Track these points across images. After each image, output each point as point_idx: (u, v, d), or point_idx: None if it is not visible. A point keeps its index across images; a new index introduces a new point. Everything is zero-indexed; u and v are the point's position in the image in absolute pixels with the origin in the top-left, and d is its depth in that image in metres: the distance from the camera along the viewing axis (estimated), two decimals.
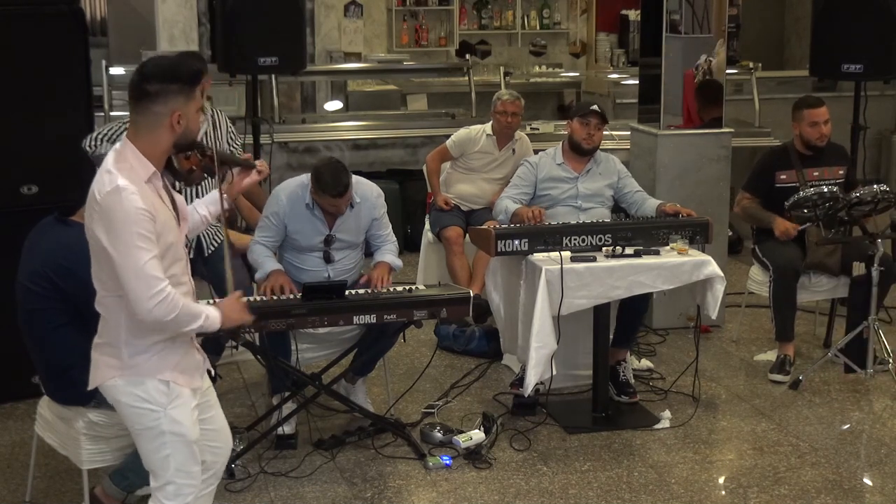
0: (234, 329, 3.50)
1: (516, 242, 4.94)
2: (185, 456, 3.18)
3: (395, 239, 5.09)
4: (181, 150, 3.16)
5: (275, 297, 4.61)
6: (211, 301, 4.02)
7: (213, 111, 5.19)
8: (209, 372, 3.36)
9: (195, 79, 3.09)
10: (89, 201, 3.04)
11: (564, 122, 5.74)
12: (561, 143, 5.66)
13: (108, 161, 3.05)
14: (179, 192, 3.33)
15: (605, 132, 5.65)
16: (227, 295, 4.72)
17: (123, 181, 2.97)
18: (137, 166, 3.03)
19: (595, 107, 5.56)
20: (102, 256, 3.04)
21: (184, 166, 3.23)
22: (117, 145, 3.10)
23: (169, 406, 3.13)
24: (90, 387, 3.22)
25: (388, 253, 4.99)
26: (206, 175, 3.39)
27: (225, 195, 3.56)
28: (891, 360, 5.46)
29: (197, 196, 4.58)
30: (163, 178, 3.15)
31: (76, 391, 3.63)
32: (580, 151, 5.54)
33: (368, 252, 5.15)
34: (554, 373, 4.95)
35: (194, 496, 3.24)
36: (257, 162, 3.66)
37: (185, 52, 7.04)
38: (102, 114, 7.37)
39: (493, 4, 11.25)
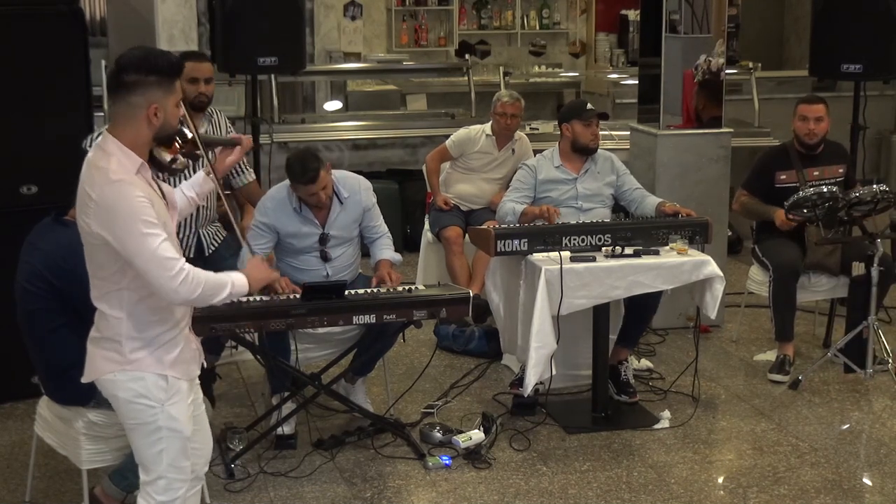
0: (265, 288, 3.44)
1: (516, 242, 4.94)
2: (178, 451, 3.19)
3: (388, 230, 5.09)
4: (162, 142, 3.15)
5: (276, 297, 4.62)
6: None
7: (212, 110, 5.19)
8: (202, 365, 3.37)
9: (174, 71, 3.07)
10: (81, 199, 3.03)
11: (566, 125, 5.68)
12: (556, 144, 5.65)
13: (94, 157, 3.03)
14: (164, 180, 3.32)
15: (604, 132, 5.67)
16: None
17: (116, 174, 2.97)
18: (124, 159, 3.02)
19: (590, 105, 5.57)
20: (100, 251, 3.04)
21: (165, 156, 3.21)
22: (98, 141, 3.09)
23: (167, 402, 3.14)
24: (86, 380, 3.21)
25: (386, 249, 5.00)
26: (189, 161, 3.37)
27: (211, 175, 3.55)
28: (890, 360, 5.46)
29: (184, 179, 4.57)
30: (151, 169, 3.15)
31: (76, 391, 3.63)
32: (586, 152, 5.54)
33: (365, 252, 5.15)
34: (553, 373, 4.96)
35: (184, 491, 3.24)
36: (233, 135, 3.63)
37: (191, 51, 7.06)
38: (102, 114, 7.36)
39: (493, 4, 11.25)
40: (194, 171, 4.61)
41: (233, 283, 3.16)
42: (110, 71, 3.05)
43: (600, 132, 5.65)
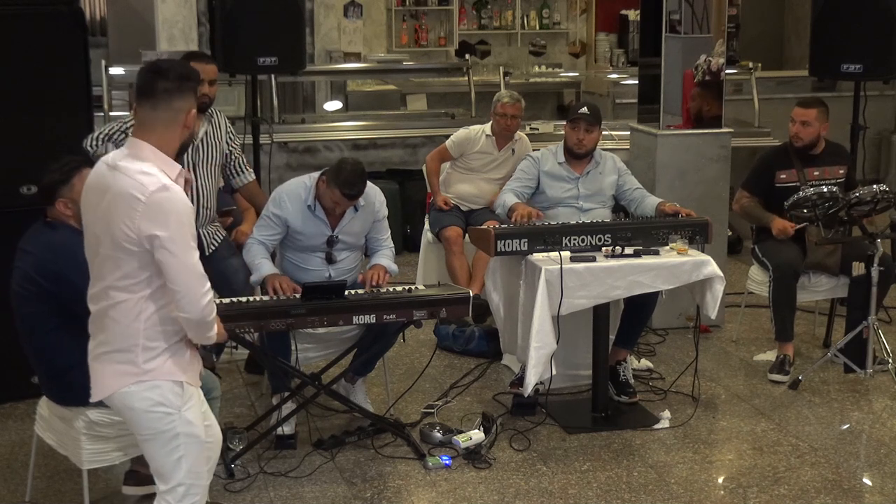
0: (218, 345, 3.51)
1: (516, 242, 4.94)
2: (197, 456, 3.19)
3: (393, 245, 5.09)
4: (181, 151, 3.18)
5: (276, 297, 4.62)
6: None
7: (212, 111, 5.19)
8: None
9: (198, 82, 3.19)
10: (125, 202, 2.99)
11: (564, 122, 5.75)
12: (562, 142, 5.66)
13: (132, 163, 3.01)
14: None
15: (604, 132, 5.64)
16: (231, 293, 4.74)
17: (166, 179, 2.99)
18: (164, 166, 3.05)
19: (584, 109, 5.52)
20: (133, 258, 3.01)
21: None
22: (125, 149, 3.09)
23: (183, 408, 3.14)
24: (96, 398, 3.19)
25: (385, 258, 4.99)
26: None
27: None
28: (890, 360, 5.46)
29: None
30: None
31: (77, 391, 3.63)
32: (574, 156, 5.55)
33: (366, 252, 5.16)
34: (554, 373, 4.96)
35: (201, 497, 3.24)
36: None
37: (194, 51, 7.03)
38: (102, 114, 7.37)
39: (493, 4, 11.26)
40: None
41: (216, 330, 3.20)
42: (147, 78, 3.07)
43: (602, 133, 5.65)
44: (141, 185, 2.97)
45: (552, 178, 5.56)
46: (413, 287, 4.87)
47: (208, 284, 3.06)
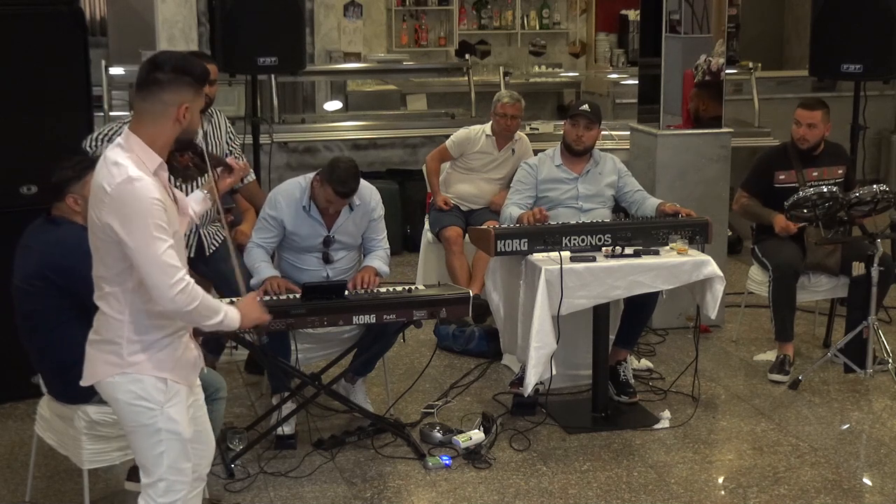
0: (255, 327, 3.50)
1: (516, 242, 4.94)
2: (178, 453, 3.20)
3: (388, 246, 5.08)
4: (180, 147, 3.18)
5: (275, 297, 4.62)
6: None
7: (212, 111, 5.19)
8: (203, 370, 3.37)
9: (204, 77, 3.14)
10: (96, 194, 3.04)
11: (563, 122, 5.74)
12: (559, 144, 5.66)
13: (114, 153, 3.04)
14: (178, 187, 3.34)
15: (604, 132, 5.63)
16: (231, 293, 4.74)
17: (135, 171, 2.99)
18: (144, 158, 3.04)
19: (585, 106, 5.52)
20: (111, 249, 3.04)
21: (180, 163, 3.25)
22: (119, 139, 3.10)
23: (166, 404, 3.14)
24: (85, 383, 3.22)
25: (377, 259, 4.97)
26: (200, 173, 3.41)
27: (208, 194, 3.58)
28: (890, 360, 5.46)
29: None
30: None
31: (80, 388, 3.62)
32: (572, 152, 5.55)
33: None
34: (554, 373, 4.96)
35: (185, 493, 3.25)
36: (230, 160, 3.66)
37: (194, 51, 7.04)
38: (102, 114, 7.37)
39: (493, 4, 11.26)
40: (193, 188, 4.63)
41: (226, 314, 3.18)
42: (144, 68, 3.07)
43: (601, 132, 5.65)
44: (111, 176, 2.99)
45: (551, 182, 5.54)
46: (413, 287, 4.87)
47: (180, 274, 3.02)
